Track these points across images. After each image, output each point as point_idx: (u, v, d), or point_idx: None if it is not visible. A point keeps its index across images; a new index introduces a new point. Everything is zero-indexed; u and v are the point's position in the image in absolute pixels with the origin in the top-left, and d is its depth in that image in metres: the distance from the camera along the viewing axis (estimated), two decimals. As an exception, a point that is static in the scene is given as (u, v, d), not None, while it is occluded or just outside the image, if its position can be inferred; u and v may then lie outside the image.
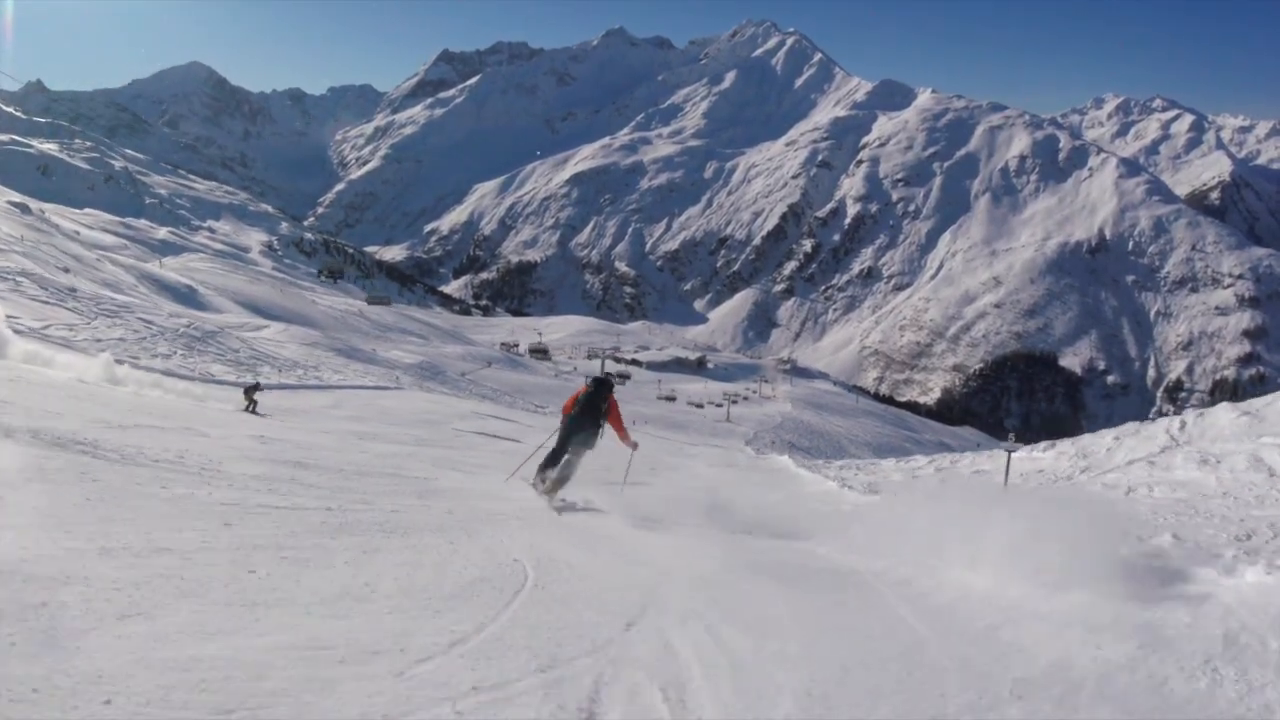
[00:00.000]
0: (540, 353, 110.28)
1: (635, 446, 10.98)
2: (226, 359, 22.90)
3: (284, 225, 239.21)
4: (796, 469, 25.24)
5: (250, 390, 18.31)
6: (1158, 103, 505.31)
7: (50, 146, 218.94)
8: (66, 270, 37.84)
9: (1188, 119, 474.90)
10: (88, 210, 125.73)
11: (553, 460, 10.30)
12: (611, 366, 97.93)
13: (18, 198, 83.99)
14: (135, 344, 21.39)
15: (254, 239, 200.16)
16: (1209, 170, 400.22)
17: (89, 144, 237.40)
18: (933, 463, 21.75)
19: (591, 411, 10.37)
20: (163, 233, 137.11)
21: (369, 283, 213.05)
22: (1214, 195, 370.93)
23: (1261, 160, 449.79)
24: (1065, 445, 17.60)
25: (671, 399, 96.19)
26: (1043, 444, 18.42)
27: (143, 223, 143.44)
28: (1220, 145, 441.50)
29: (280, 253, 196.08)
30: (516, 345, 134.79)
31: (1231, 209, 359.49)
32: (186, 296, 53.32)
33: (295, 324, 54.97)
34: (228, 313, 53.64)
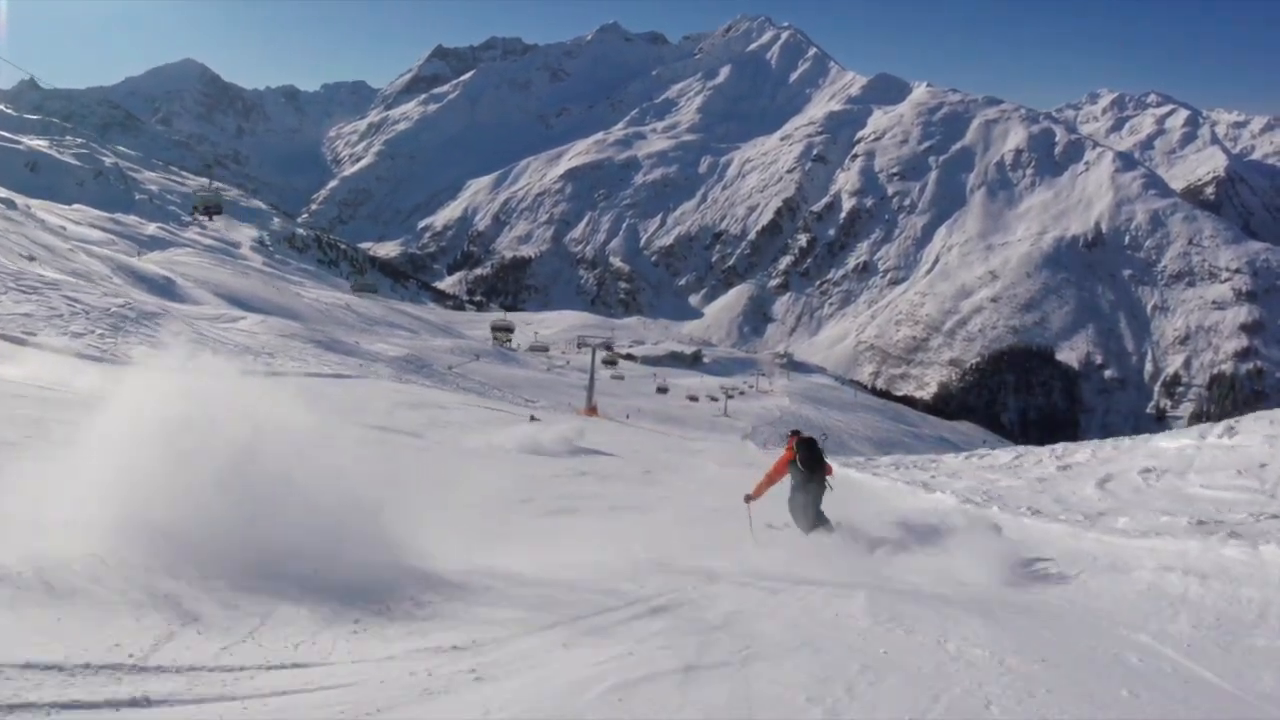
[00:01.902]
0: (505, 330, 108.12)
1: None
2: (160, 342, 21.47)
3: (276, 221, 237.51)
4: (841, 469, 19.16)
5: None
6: (1152, 98, 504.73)
7: (40, 143, 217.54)
8: (31, 258, 36.46)
9: (1182, 114, 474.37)
10: (76, 206, 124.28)
11: (815, 523, 10.60)
12: (604, 356, 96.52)
13: (4, 193, 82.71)
14: (43, 320, 19.96)
15: (245, 235, 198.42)
16: (1204, 165, 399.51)
17: (79, 141, 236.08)
18: (1021, 458, 17.20)
19: (818, 475, 10.65)
20: (152, 228, 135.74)
21: (359, 279, 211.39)
22: (1209, 190, 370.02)
23: (1256, 155, 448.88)
24: (1258, 425, 13.77)
25: (665, 390, 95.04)
26: (1220, 426, 14.52)
27: (132, 218, 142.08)
28: (1215, 140, 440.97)
29: (271, 249, 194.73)
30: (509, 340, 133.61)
31: (1227, 204, 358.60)
32: (164, 288, 51.92)
33: (277, 316, 53.58)
34: (205, 304, 52.25)
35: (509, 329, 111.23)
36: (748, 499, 10.81)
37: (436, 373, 51.28)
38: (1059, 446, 18.24)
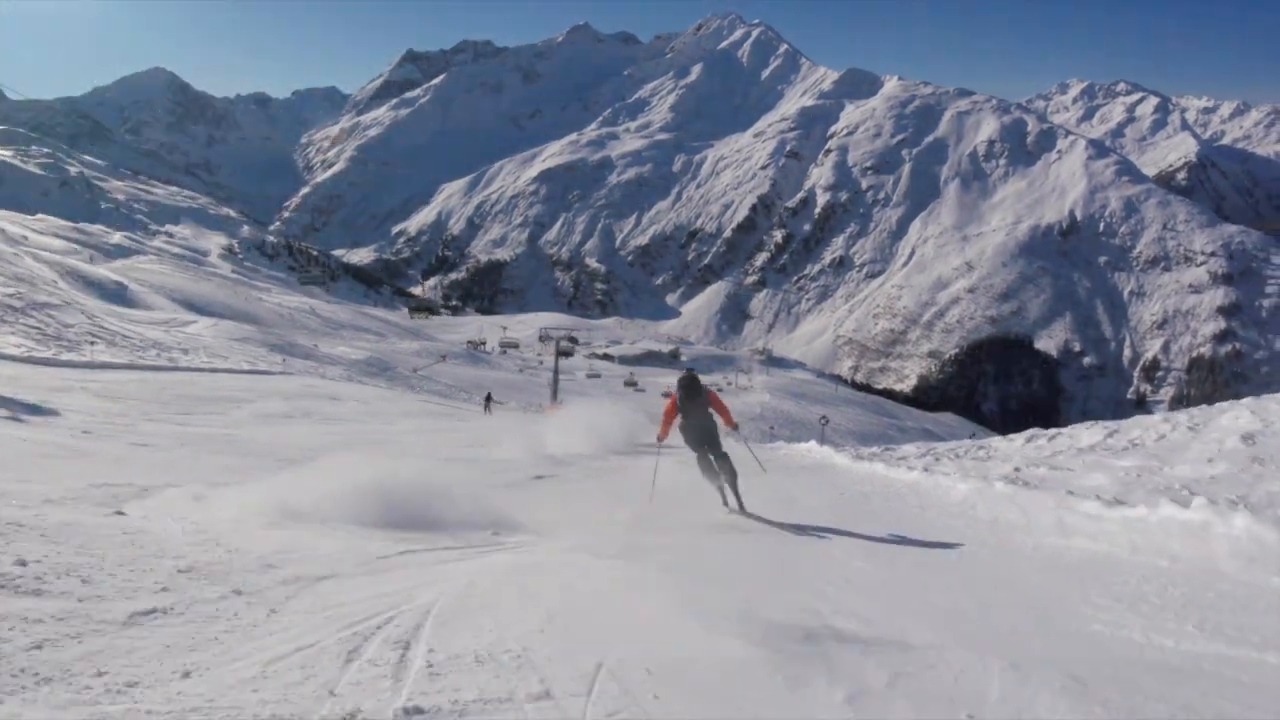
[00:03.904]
0: (424, 311, 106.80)
1: (736, 428, 10.47)
2: (45, 333, 19.80)
3: (246, 229, 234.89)
4: (858, 463, 14.59)
5: (487, 401, 28.94)
6: (1121, 86, 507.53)
7: (4, 153, 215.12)
8: (-36, 263, 34.73)
9: (1152, 101, 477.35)
10: (39, 215, 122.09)
11: (709, 468, 10.20)
12: (561, 347, 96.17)
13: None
14: (-115, 305, 18.45)
15: (214, 242, 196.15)
16: (1175, 151, 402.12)
17: (45, 150, 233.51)
18: (1119, 435, 11.79)
19: (698, 409, 10.10)
20: (117, 237, 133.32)
21: (335, 286, 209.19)
22: (1181, 176, 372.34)
23: (1226, 140, 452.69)
24: None
25: (634, 384, 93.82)
26: None
27: (97, 227, 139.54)
28: (1185, 126, 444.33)
29: (241, 256, 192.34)
30: (484, 343, 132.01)
31: (1199, 188, 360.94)
32: (114, 293, 50.06)
33: (234, 320, 51.81)
34: (159, 309, 50.44)
35: (430, 310, 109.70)
36: (659, 439, 10.75)
37: (400, 375, 49.51)
38: (1179, 414, 12.47)
